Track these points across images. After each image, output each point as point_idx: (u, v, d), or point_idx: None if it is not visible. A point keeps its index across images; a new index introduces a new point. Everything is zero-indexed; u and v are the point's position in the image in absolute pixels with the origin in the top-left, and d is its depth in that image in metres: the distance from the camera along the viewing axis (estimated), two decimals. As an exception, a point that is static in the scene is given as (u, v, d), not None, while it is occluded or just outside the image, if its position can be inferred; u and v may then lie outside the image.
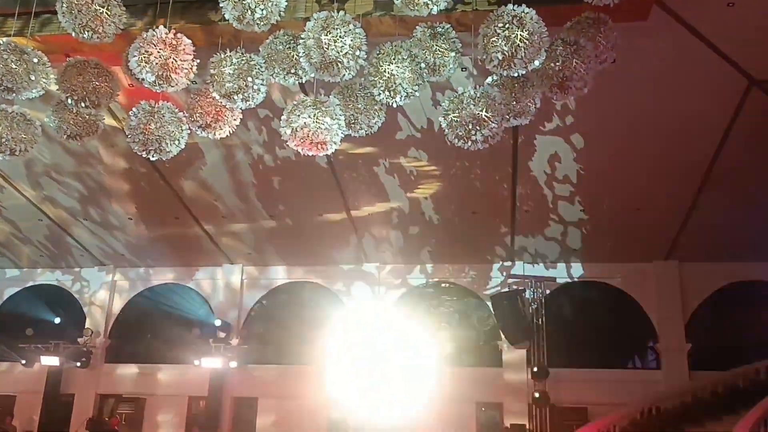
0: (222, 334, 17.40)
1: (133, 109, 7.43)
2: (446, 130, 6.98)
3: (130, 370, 18.70)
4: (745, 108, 10.80)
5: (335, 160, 13.74)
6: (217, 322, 17.57)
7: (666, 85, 10.77)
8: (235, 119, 7.97)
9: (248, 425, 17.59)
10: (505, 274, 17.48)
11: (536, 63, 6.41)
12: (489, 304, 17.03)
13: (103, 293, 19.27)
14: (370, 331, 17.23)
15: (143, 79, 6.81)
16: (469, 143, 6.93)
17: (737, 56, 9.98)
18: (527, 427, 16.12)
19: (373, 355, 16.60)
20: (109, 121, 12.02)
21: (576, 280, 17.54)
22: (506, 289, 16.96)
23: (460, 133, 6.90)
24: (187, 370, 17.79)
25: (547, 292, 17.42)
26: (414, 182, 14.23)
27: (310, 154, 7.39)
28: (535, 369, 16.40)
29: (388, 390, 17.18)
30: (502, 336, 16.81)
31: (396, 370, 17.12)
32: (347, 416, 17.13)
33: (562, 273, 17.54)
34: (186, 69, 6.83)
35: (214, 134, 7.96)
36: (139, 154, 7.53)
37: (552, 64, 6.66)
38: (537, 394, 16.18)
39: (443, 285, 18.28)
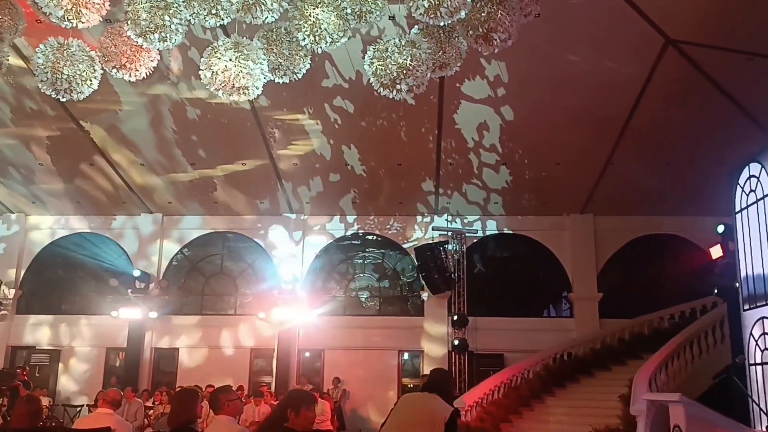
0: (141, 285, 16.99)
1: (41, 45, 6.97)
2: (371, 79, 6.90)
3: (43, 321, 18.09)
4: (660, 67, 11.15)
5: (258, 106, 13.44)
6: (136, 273, 17.12)
7: (586, 41, 11.00)
8: (152, 60, 7.58)
9: (169, 376, 17.43)
10: (428, 226, 17.75)
11: (462, 13, 6.37)
12: (412, 255, 17.33)
13: (14, 243, 18.41)
14: (294, 280, 17.31)
15: (50, 14, 6.37)
16: (394, 92, 6.87)
17: (655, 15, 10.23)
18: (446, 373, 16.61)
19: (296, 304, 16.72)
20: (15, 61, 11.34)
21: (497, 232, 17.99)
22: (429, 241, 17.25)
23: (385, 82, 6.81)
24: (105, 321, 17.38)
25: (469, 244, 17.88)
26: (339, 131, 14.10)
27: (232, 98, 7.16)
28: (456, 318, 16.94)
29: (311, 338, 17.44)
30: (425, 286, 17.18)
31: (318, 320, 17.37)
32: (270, 364, 17.29)
33: (483, 225, 17.96)
34: (98, 4, 6.42)
35: (130, 76, 7.58)
36: (48, 94, 7.11)
37: (477, 15, 6.64)
38: (456, 342, 16.74)
39: (368, 236, 18.40)
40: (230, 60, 6.75)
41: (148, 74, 7.78)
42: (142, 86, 12.66)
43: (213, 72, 6.85)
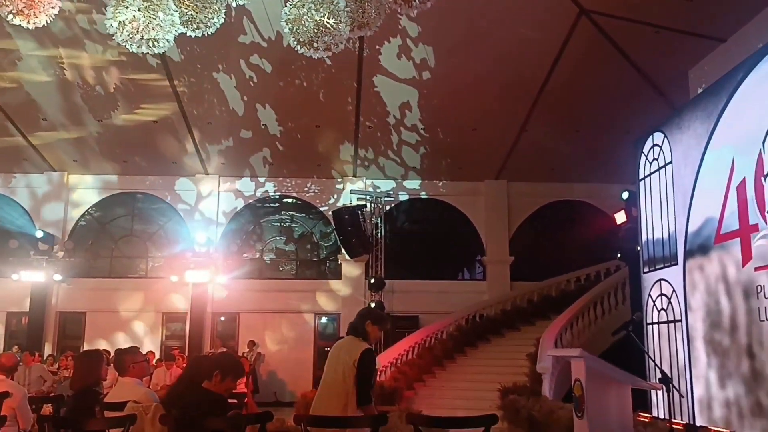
0: (44, 247, 16.18)
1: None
2: (288, 36, 6.72)
3: (-65, 284, 17.01)
4: (574, 36, 11.42)
5: (169, 61, 12.90)
6: (38, 234, 16.26)
7: (503, 8, 11.11)
8: (53, 7, 7.10)
9: (76, 341, 16.82)
10: (346, 189, 17.72)
11: (381, -29, 6.27)
12: (330, 218, 17.29)
13: None
14: (208, 242, 16.93)
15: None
16: (311, 50, 6.72)
17: (570, -15, 10.45)
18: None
19: (210, 267, 16.40)
20: None
21: (414, 196, 18.18)
22: (347, 205, 17.23)
23: (302, 40, 6.66)
24: (5, 284, 16.48)
25: (387, 207, 18.00)
26: (254, 89, 13.71)
27: (140, 50, 6.81)
28: (372, 281, 17.09)
29: (225, 301, 17.19)
30: (342, 249, 17.21)
31: (233, 283, 17.13)
32: (183, 328, 16.98)
33: (401, 189, 18.10)
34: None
35: (29, 23, 7.06)
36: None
37: (397, -26, 6.54)
38: (373, 305, 16.90)
39: (285, 199, 18.20)
40: (138, 10, 6.41)
41: (48, 22, 7.30)
42: (43, 35, 11.89)
43: (120, 22, 6.49)
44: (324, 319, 17.90)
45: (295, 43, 6.82)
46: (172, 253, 17.30)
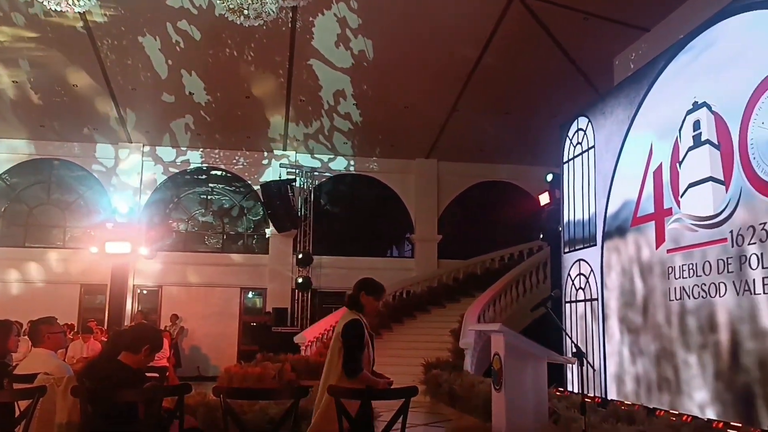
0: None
1: None
2: (217, 3, 6.53)
3: None
4: (506, 18, 11.54)
5: (93, 25, 12.31)
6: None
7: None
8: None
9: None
10: (276, 163, 17.48)
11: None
12: (258, 191, 17.04)
13: None
14: (130, 213, 16.41)
15: None
16: (242, 18, 6.57)
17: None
18: (288, 310, 16.78)
19: (132, 238, 15.90)
20: None
21: (345, 172, 18.12)
22: (277, 178, 17.02)
23: (232, 6, 6.50)
24: None
25: (317, 182, 17.88)
26: (181, 54, 13.22)
27: (61, 10, 6.49)
28: (300, 256, 17.00)
29: (148, 274, 16.75)
30: (270, 224, 17.02)
31: (157, 255, 16.70)
32: (103, 300, 16.46)
33: (332, 165, 18.00)
34: None
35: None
36: None
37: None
38: (300, 280, 16.85)
39: (212, 171, 17.80)
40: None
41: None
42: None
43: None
44: (250, 294, 17.71)
45: (225, 10, 6.65)
46: (92, 224, 16.68)
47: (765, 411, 5.61)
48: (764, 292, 5.74)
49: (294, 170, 17.42)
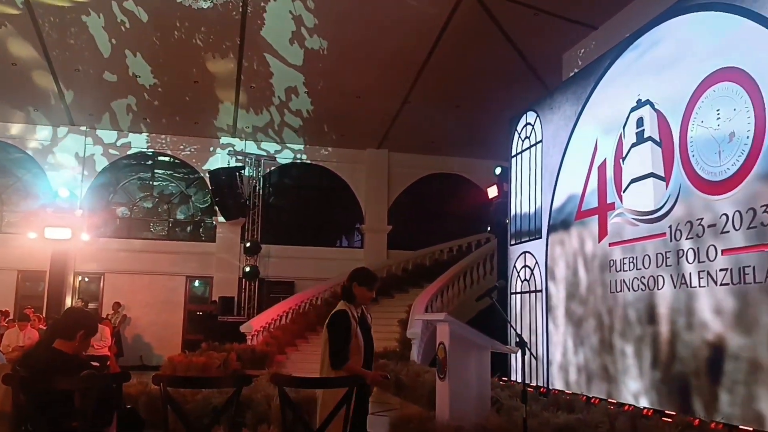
0: None
1: None
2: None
3: None
4: (459, 11, 11.59)
5: (35, 3, 11.86)
6: None
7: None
8: None
9: None
10: (225, 149, 17.22)
11: None
12: (206, 178, 16.76)
13: None
14: (72, 197, 15.92)
15: None
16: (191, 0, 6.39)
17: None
18: (235, 299, 16.59)
19: (74, 224, 15.44)
20: None
21: (295, 161, 17.97)
22: (225, 165, 16.77)
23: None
24: None
25: (267, 171, 17.69)
26: (127, 35, 12.82)
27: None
28: (248, 244, 16.81)
29: (90, 261, 16.31)
30: (218, 211, 16.77)
31: (99, 242, 16.26)
32: (43, 287, 15.96)
33: (282, 153, 17.82)
34: None
35: None
36: None
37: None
38: (248, 269, 16.66)
39: (159, 156, 17.41)
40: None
41: None
42: None
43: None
44: (196, 283, 17.44)
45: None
46: (31, 208, 16.11)
47: (699, 400, 5.83)
48: (699, 286, 5.94)
49: (243, 158, 17.20)
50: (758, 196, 5.34)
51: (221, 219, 16.87)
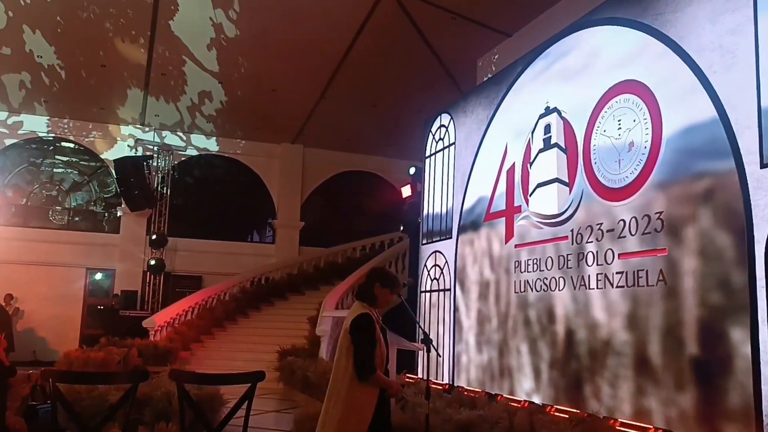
0: None
1: None
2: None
3: None
4: (378, 9, 11.60)
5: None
6: None
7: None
8: None
9: None
10: (133, 138, 16.58)
11: None
12: (112, 167, 16.10)
13: None
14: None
15: None
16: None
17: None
18: (139, 293, 16.01)
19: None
20: None
21: (207, 152, 17.54)
22: (133, 154, 16.15)
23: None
24: None
25: (176, 161, 17.17)
26: (26, 10, 12.06)
27: None
28: (154, 237, 16.26)
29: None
30: (123, 202, 16.13)
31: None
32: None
33: (193, 144, 17.35)
34: None
35: None
36: None
37: None
38: (153, 262, 16.12)
39: (61, 142, 16.56)
40: None
41: None
42: None
43: None
44: (98, 275, 16.71)
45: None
46: None
47: (592, 396, 6.09)
48: (597, 288, 6.21)
49: (152, 147, 16.61)
50: (653, 203, 5.63)
51: (126, 210, 16.22)
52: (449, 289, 9.16)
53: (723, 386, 4.78)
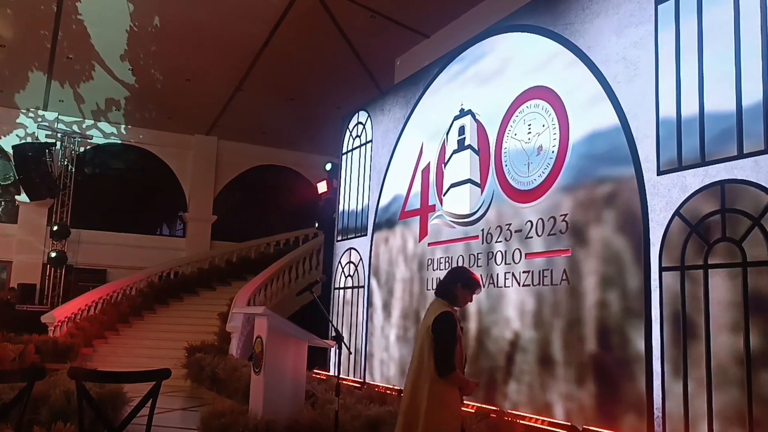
0: None
1: None
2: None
3: None
4: (298, 3, 11.49)
5: None
6: None
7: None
8: None
9: None
10: (34, 123, 15.72)
11: None
12: (9, 153, 15.21)
13: None
14: None
15: None
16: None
17: (299, -48, 10.48)
18: (38, 286, 15.22)
19: None
20: None
21: (115, 141, 16.86)
22: (33, 140, 15.32)
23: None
24: None
25: (81, 149, 16.43)
26: None
27: None
28: (56, 228, 15.50)
29: None
30: (22, 190, 15.28)
31: None
32: None
33: (100, 132, 16.65)
34: None
35: None
36: None
37: None
38: (54, 254, 15.37)
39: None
40: None
41: None
42: None
43: None
44: (-5, 268, 15.78)
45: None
46: None
47: (499, 391, 6.28)
48: (506, 286, 6.40)
49: (55, 134, 15.80)
50: (559, 206, 5.86)
51: (25, 199, 15.36)
52: (363, 286, 9.21)
53: (619, 381, 5.04)
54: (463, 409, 4.12)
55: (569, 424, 5.35)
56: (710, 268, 4.46)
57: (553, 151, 6.01)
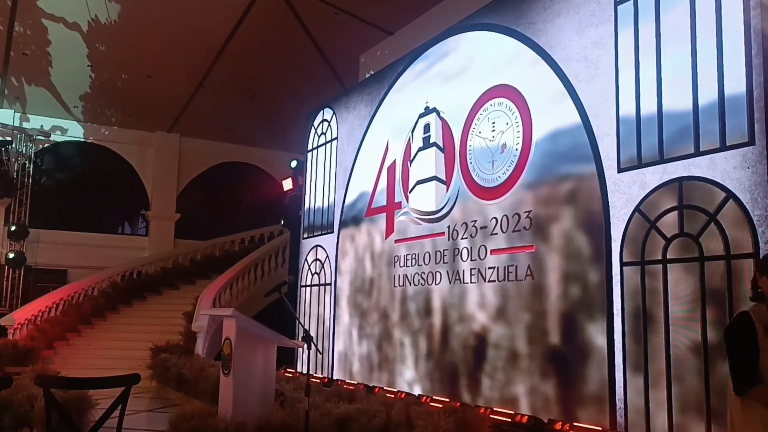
0: None
1: None
2: None
3: None
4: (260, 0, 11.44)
5: None
6: None
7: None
8: None
9: None
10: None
11: None
12: (-36, 152, 14.80)
13: None
14: None
15: None
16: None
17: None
18: (-5, 289, 14.87)
19: None
20: None
21: (73, 139, 16.51)
22: (-11, 139, 14.96)
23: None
24: None
25: (40, 147, 16.06)
26: None
27: None
28: (13, 228, 15.14)
29: None
30: (-23, 190, 14.89)
31: None
32: None
33: (59, 129, 16.28)
34: None
35: None
36: None
37: None
38: (12, 255, 15.01)
39: None
40: None
41: None
42: None
43: None
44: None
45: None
46: None
47: (465, 386, 6.37)
48: (471, 282, 6.49)
49: (11, 131, 15.39)
50: (523, 202, 5.97)
51: (-18, 198, 14.99)
52: (330, 284, 9.22)
53: (582, 374, 5.17)
54: (431, 405, 4.15)
55: (535, 416, 5.46)
56: (669, 262, 4.60)
57: (516, 149, 6.11)
